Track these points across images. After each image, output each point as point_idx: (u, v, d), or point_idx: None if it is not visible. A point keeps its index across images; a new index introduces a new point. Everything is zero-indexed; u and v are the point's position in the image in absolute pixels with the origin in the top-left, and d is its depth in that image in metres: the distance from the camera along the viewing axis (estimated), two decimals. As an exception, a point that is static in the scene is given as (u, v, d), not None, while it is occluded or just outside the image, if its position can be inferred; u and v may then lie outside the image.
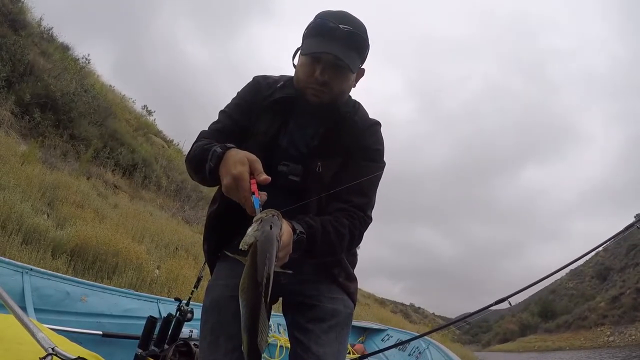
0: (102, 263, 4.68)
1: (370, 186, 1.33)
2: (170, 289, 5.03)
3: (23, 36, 10.04)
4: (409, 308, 67.90)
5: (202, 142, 1.27)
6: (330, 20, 1.21)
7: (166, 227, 8.00)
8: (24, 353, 1.28)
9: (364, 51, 1.27)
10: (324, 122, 1.32)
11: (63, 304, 2.47)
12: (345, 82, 1.27)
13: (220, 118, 1.38)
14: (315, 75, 1.22)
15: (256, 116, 1.35)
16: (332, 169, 1.30)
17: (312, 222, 1.15)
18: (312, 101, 1.27)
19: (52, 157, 7.95)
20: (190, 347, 2.58)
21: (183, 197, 12.45)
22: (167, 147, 15.36)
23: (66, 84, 9.99)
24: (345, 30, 1.20)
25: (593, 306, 49.40)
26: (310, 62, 1.24)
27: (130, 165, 10.99)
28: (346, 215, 1.24)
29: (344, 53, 1.20)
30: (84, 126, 9.98)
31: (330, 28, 1.20)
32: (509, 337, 60.78)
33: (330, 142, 1.31)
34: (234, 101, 1.40)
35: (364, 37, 1.25)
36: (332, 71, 1.22)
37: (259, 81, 1.39)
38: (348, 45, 1.21)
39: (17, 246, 3.89)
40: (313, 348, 1.31)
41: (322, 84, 1.23)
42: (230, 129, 1.34)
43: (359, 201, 1.28)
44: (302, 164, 1.30)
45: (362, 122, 1.35)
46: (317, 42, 1.21)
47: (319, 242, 1.15)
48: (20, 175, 5.58)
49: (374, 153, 1.34)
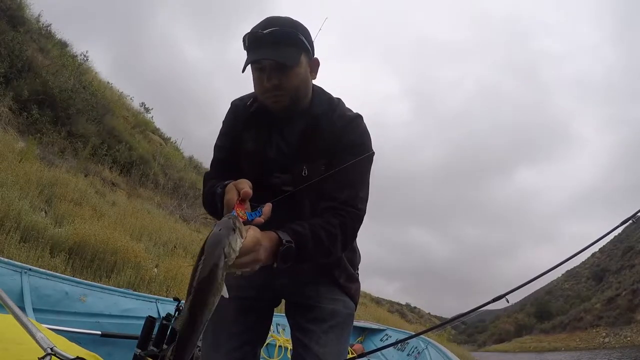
0: (100, 261, 4.66)
1: (359, 178, 1.30)
2: (168, 288, 5.02)
3: (21, 32, 9.99)
4: (405, 308, 67.98)
5: (208, 187, 1.32)
6: (254, 30, 1.23)
7: (164, 225, 7.99)
8: (23, 353, 1.27)
9: (299, 43, 1.25)
10: (299, 126, 1.32)
11: (62, 304, 2.46)
12: (294, 78, 1.25)
13: (215, 152, 1.45)
14: (264, 84, 1.23)
15: (241, 137, 1.38)
16: (318, 171, 1.28)
17: (299, 229, 1.14)
18: (275, 108, 1.28)
19: (50, 154, 7.92)
20: (189, 347, 2.57)
21: (181, 195, 12.44)
22: (164, 145, 15.34)
23: (64, 80, 9.96)
24: (269, 32, 1.20)
25: (589, 307, 49.60)
26: (256, 75, 1.26)
27: (128, 162, 10.97)
28: (335, 214, 1.23)
29: (275, 52, 1.20)
30: (82, 123, 9.95)
31: (257, 37, 1.21)
32: (505, 337, 61.00)
33: (311, 145, 1.31)
34: (221, 131, 1.45)
35: (293, 30, 1.24)
36: (275, 73, 1.22)
37: (236, 104, 1.43)
38: (278, 43, 1.21)
39: (15, 244, 3.87)
40: (314, 348, 1.32)
41: (273, 89, 1.23)
42: (227, 159, 1.41)
43: (347, 195, 1.26)
44: (289, 172, 1.31)
45: (341, 120, 1.33)
46: (251, 55, 1.22)
47: (310, 247, 1.14)
48: (18, 172, 5.56)
49: (358, 147, 1.31)
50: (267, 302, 1.46)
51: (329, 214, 1.23)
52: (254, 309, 1.41)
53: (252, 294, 1.39)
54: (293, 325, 1.43)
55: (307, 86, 1.32)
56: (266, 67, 1.22)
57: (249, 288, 1.38)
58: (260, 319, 1.44)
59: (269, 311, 1.48)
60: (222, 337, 1.34)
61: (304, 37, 1.27)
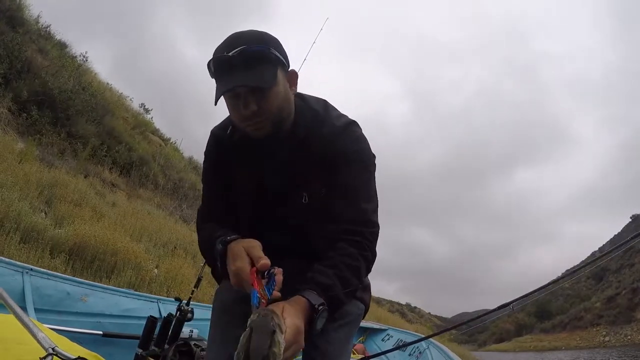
0: (100, 262, 4.66)
1: (364, 189, 1.22)
2: (169, 289, 5.02)
3: (21, 33, 9.97)
4: (405, 307, 68.12)
5: (206, 233, 1.25)
6: (220, 53, 1.10)
7: (164, 226, 7.99)
8: (25, 353, 1.27)
9: (272, 59, 1.12)
10: (287, 150, 1.22)
11: (63, 304, 2.46)
12: (274, 99, 1.12)
13: (205, 189, 1.37)
14: (242, 113, 1.11)
15: (229, 170, 1.29)
16: (318, 194, 1.21)
17: (325, 281, 1.04)
18: (257, 135, 1.15)
19: (49, 155, 7.91)
20: (191, 347, 2.56)
21: (180, 196, 12.43)
22: (164, 146, 15.33)
23: (64, 81, 9.94)
24: (236, 54, 1.07)
25: (589, 306, 49.67)
26: (230, 103, 1.13)
27: (128, 163, 10.96)
28: (351, 242, 1.13)
29: (248, 76, 1.07)
30: (82, 124, 9.94)
31: (223, 61, 1.08)
32: (505, 336, 61.01)
33: (305, 168, 1.21)
34: (205, 165, 1.35)
35: (263, 45, 1.11)
36: (252, 98, 1.09)
37: (217, 134, 1.32)
38: (248, 64, 1.08)
39: (15, 245, 3.86)
40: (322, 346, 1.31)
41: (253, 116, 1.11)
42: (219, 196, 1.33)
43: (357, 213, 1.18)
44: (288, 202, 1.23)
45: (331, 133, 1.22)
46: (221, 83, 1.10)
47: (341, 296, 1.06)
48: (18, 173, 5.54)
49: (355, 154, 1.22)
50: None
51: (345, 243, 1.12)
52: None
53: None
54: None
55: (289, 104, 1.19)
56: (241, 93, 1.09)
57: None
58: None
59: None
60: (229, 340, 1.31)
61: (276, 50, 1.14)
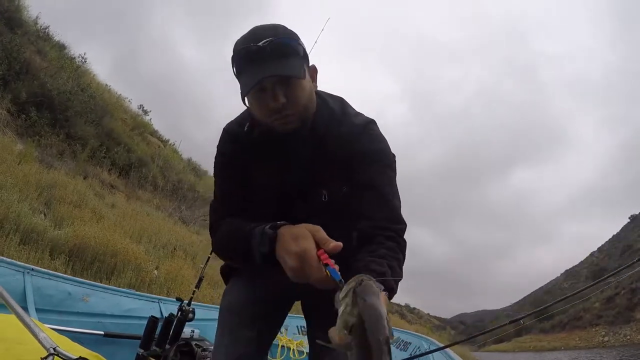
0: (100, 263, 4.66)
1: (390, 188, 1.20)
2: (169, 290, 5.02)
3: (19, 34, 9.97)
4: (404, 308, 68.04)
5: (227, 227, 1.20)
6: (247, 44, 1.07)
7: (163, 227, 7.99)
8: (26, 353, 1.27)
9: (299, 50, 1.11)
10: (308, 147, 1.20)
11: (64, 304, 2.46)
12: (302, 91, 1.10)
13: (221, 186, 1.30)
14: (271, 106, 1.08)
15: (248, 168, 1.24)
16: (338, 192, 1.19)
17: (380, 269, 0.99)
18: (285, 130, 1.12)
19: (48, 157, 7.90)
20: (192, 347, 2.56)
21: (179, 197, 12.43)
22: (163, 147, 15.34)
23: (62, 82, 9.94)
24: (267, 44, 1.05)
25: (588, 306, 49.71)
26: (259, 96, 1.09)
27: (127, 164, 10.96)
28: (387, 237, 1.10)
29: (280, 66, 1.05)
30: (80, 125, 9.93)
31: (253, 52, 1.05)
32: (504, 337, 60.97)
33: (325, 166, 1.19)
34: (219, 163, 1.29)
35: (289, 37, 1.10)
36: (282, 91, 1.07)
37: (233, 131, 1.27)
38: (279, 55, 1.06)
39: (15, 246, 3.86)
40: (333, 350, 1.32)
41: (282, 109, 1.08)
42: (235, 191, 1.27)
43: (388, 212, 1.15)
44: (308, 200, 1.21)
45: (350, 132, 1.21)
46: (250, 74, 1.05)
47: (394, 284, 1.02)
48: (17, 174, 5.55)
49: (377, 154, 1.21)
50: (283, 306, 1.44)
51: (382, 238, 1.09)
52: (269, 313, 1.38)
53: (270, 298, 1.35)
54: (312, 325, 1.41)
55: (313, 99, 1.18)
56: (267, 85, 1.06)
57: (267, 293, 1.34)
58: (275, 322, 1.43)
59: (283, 314, 1.46)
60: (237, 341, 1.31)
61: (301, 44, 1.13)
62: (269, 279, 1.30)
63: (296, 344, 3.53)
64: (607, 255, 61.92)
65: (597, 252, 67.28)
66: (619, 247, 58.21)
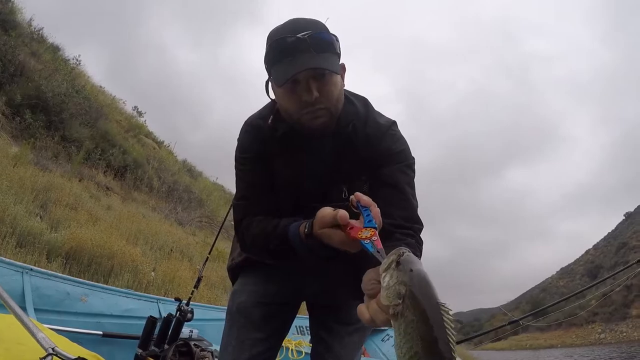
0: (97, 266, 4.64)
1: (410, 189, 1.21)
2: (166, 291, 5.01)
3: (13, 37, 9.92)
4: (402, 308, 67.91)
5: (261, 226, 1.17)
6: (286, 35, 1.06)
7: (160, 229, 7.96)
8: (24, 353, 1.27)
9: (335, 46, 1.11)
10: (331, 143, 1.20)
11: (63, 304, 2.46)
12: (334, 88, 1.12)
13: (243, 185, 1.27)
14: (303, 99, 1.07)
15: (271, 162, 1.23)
16: (359, 189, 1.13)
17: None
18: (315, 125, 1.12)
19: (43, 159, 7.86)
20: (190, 347, 2.57)
21: (175, 199, 12.39)
22: (158, 149, 15.28)
23: (57, 84, 9.90)
24: (306, 36, 1.04)
25: (584, 304, 49.90)
26: (291, 88, 1.08)
27: (122, 166, 10.91)
28: (407, 234, 1.11)
29: (318, 60, 1.05)
30: (75, 127, 9.89)
31: (291, 43, 1.05)
32: (501, 335, 61.17)
33: (347, 163, 1.20)
34: (245, 156, 1.26)
35: (327, 32, 1.11)
36: (317, 85, 1.07)
37: (257, 125, 1.26)
38: (317, 49, 1.05)
39: (11, 249, 3.84)
40: (335, 348, 1.33)
41: (315, 103, 1.08)
42: (263, 188, 1.24)
43: (409, 212, 1.17)
44: (329, 196, 1.20)
45: (375, 133, 1.22)
46: (287, 65, 1.05)
47: None
48: (13, 177, 5.52)
49: (400, 155, 1.22)
50: (292, 307, 1.44)
51: (400, 235, 1.10)
52: (279, 314, 1.38)
53: (280, 299, 1.36)
54: (316, 323, 1.42)
55: (342, 97, 1.19)
56: (302, 78, 1.06)
57: (278, 295, 1.35)
58: (284, 323, 1.43)
59: (292, 316, 1.46)
60: (246, 341, 1.32)
61: (339, 41, 1.14)
62: (279, 280, 1.33)
63: (295, 344, 3.54)
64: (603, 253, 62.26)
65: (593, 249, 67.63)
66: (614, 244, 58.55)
